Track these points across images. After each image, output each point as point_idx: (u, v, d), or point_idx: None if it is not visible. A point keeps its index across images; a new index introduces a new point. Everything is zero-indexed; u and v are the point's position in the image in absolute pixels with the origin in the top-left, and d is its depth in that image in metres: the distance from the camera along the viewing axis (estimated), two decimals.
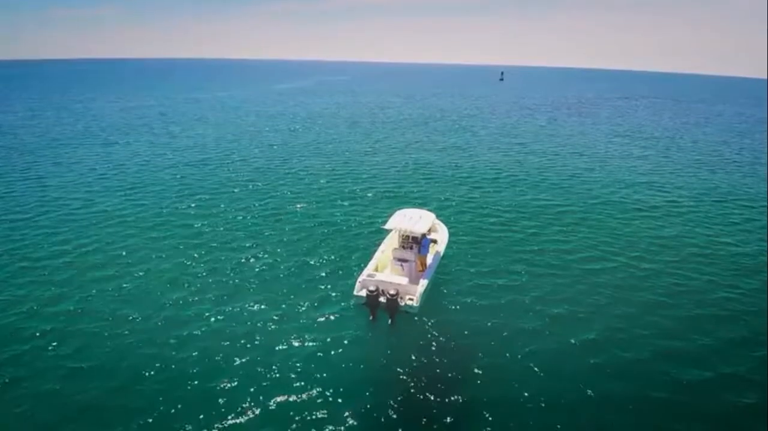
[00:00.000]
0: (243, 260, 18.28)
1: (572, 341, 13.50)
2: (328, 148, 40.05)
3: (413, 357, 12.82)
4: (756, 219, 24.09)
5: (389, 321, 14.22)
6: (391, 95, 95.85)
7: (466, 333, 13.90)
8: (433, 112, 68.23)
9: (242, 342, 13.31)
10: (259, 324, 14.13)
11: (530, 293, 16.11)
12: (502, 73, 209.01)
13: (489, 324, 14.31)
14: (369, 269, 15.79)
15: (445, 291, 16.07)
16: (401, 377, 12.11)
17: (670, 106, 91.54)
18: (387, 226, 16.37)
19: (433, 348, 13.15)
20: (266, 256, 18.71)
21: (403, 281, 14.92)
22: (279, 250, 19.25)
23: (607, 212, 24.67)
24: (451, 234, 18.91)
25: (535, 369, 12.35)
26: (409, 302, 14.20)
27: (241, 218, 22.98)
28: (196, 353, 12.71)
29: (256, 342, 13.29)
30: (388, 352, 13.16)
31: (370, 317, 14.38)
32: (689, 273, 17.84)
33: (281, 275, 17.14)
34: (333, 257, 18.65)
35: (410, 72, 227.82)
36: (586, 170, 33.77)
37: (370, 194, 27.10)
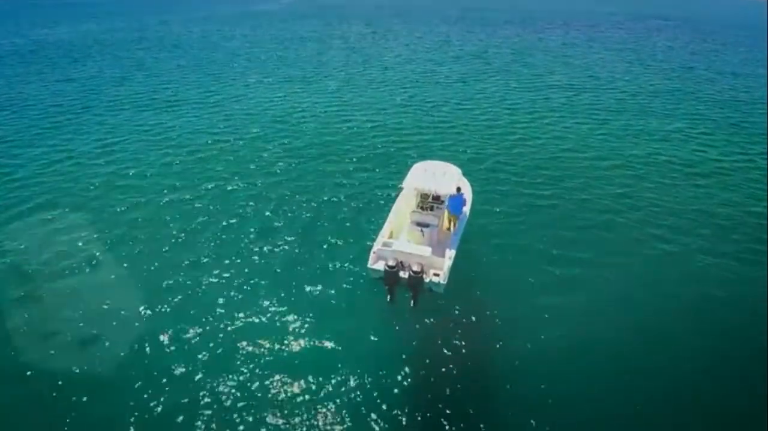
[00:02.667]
0: (224, 224, 15.96)
1: (625, 343, 11.74)
2: (322, 84, 35.88)
3: (441, 348, 11.23)
4: None
5: (411, 302, 12.25)
6: (383, 18, 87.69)
7: (500, 317, 12.29)
8: (434, 37, 62.23)
9: (227, 332, 11.53)
10: (248, 307, 12.25)
11: (571, 266, 14.33)
12: None
13: (526, 307, 12.57)
14: (383, 235, 13.54)
15: (471, 263, 13.97)
16: (427, 372, 10.64)
17: (683, 29, 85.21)
18: (405, 184, 13.97)
19: (464, 338, 11.60)
20: (255, 220, 16.29)
21: (426, 251, 12.74)
22: (269, 212, 16.80)
23: (654, 173, 20.96)
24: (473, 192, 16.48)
25: (583, 370, 10.89)
26: (435, 280, 12.12)
27: (217, 170, 19.99)
28: (179, 348, 11.10)
29: (245, 331, 11.53)
30: (412, 342, 11.47)
31: (388, 298, 12.39)
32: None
33: (274, 244, 14.89)
34: (337, 220, 16.41)
35: None
36: (616, 112, 29.89)
37: (373, 138, 24.20)
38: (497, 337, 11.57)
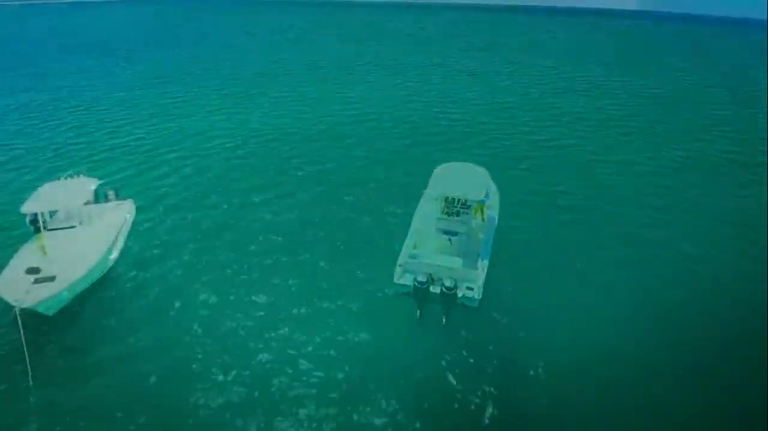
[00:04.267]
0: (244, 235, 14.78)
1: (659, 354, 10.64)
2: (331, 75, 34.66)
3: (476, 368, 10.13)
4: None
5: (443, 319, 11.26)
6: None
7: (536, 335, 11.07)
8: (456, 29, 60.66)
9: (248, 348, 10.61)
10: (267, 322, 11.23)
11: (603, 278, 13.09)
12: None
13: (569, 322, 11.45)
14: (408, 246, 12.40)
15: (502, 272, 12.72)
16: (462, 394, 9.55)
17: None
18: (430, 190, 12.90)
19: (499, 357, 10.45)
20: (274, 232, 15.01)
21: (457, 263, 11.59)
22: (284, 222, 15.55)
23: (684, 179, 19.20)
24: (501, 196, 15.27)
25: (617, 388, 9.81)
26: (469, 294, 11.02)
27: (223, 180, 18.72)
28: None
29: (266, 350, 10.52)
30: (445, 363, 10.36)
31: (417, 314, 11.40)
32: None
33: (293, 256, 13.69)
34: (356, 230, 15.17)
35: None
36: (636, 113, 28.25)
37: (390, 138, 22.90)
38: (535, 356, 10.50)
